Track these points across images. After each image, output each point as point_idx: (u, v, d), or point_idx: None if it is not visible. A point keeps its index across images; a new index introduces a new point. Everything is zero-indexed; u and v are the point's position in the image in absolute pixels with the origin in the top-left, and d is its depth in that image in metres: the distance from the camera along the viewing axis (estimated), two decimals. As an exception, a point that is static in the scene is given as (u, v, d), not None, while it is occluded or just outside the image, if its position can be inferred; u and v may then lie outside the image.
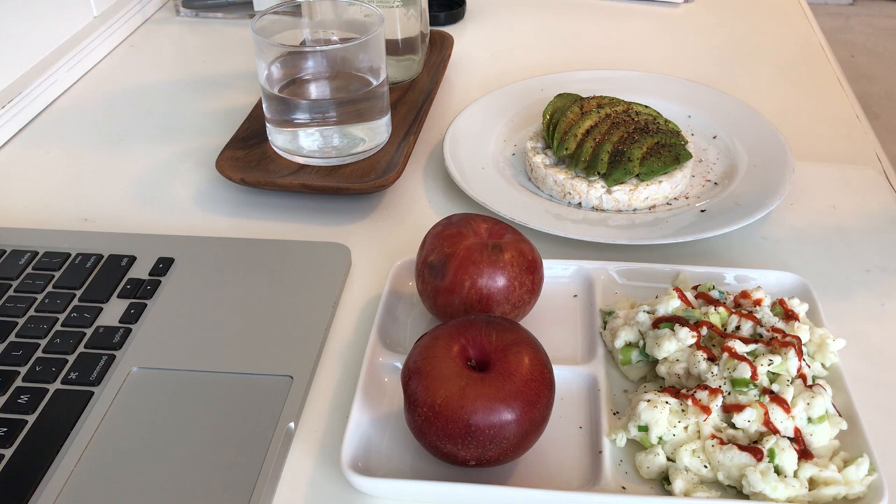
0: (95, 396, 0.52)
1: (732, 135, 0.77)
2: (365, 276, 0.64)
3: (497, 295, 0.53)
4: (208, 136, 0.82)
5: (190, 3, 1.07)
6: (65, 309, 0.59)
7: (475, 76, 0.93)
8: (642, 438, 0.49)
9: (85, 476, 0.48)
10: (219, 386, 0.53)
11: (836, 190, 0.73)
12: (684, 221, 0.66)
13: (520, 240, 0.56)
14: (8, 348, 0.55)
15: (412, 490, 0.47)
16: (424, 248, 0.56)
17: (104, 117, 0.86)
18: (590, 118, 0.72)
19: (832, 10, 3.20)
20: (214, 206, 0.72)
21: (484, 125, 0.79)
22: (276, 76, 0.72)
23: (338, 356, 0.57)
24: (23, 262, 0.62)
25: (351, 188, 0.69)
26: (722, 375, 0.50)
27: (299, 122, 0.71)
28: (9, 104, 0.82)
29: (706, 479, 0.48)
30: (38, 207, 0.73)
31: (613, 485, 0.47)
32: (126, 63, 0.97)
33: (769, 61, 0.95)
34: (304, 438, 0.51)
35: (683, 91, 0.84)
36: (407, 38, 0.84)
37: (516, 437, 0.46)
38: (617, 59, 0.96)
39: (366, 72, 0.72)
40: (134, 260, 0.63)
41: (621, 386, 0.54)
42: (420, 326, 0.58)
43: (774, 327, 0.53)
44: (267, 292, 0.60)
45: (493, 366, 0.46)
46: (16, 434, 0.50)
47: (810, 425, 0.48)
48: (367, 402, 0.51)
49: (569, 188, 0.69)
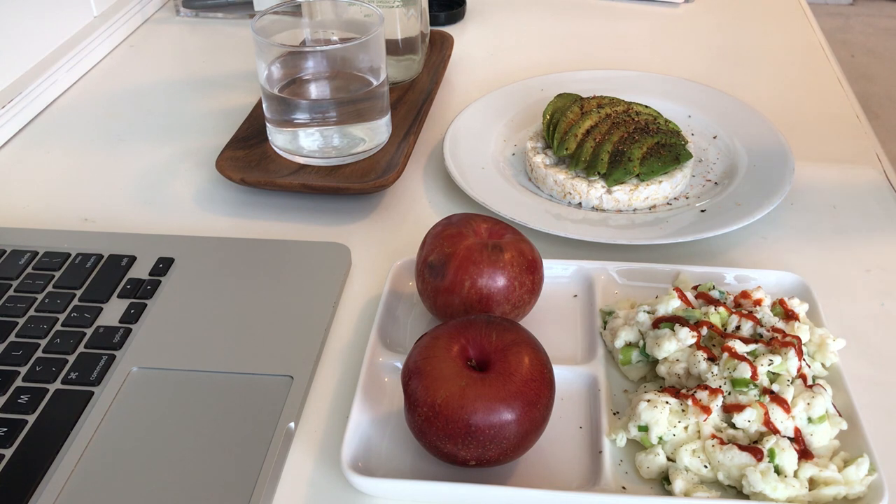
0: (95, 396, 0.52)
1: (732, 135, 0.77)
2: (365, 276, 0.64)
3: (497, 295, 0.53)
4: (208, 136, 0.82)
5: (190, 3, 1.07)
6: (65, 309, 0.59)
7: (475, 76, 0.93)
8: (642, 438, 0.49)
9: (85, 476, 0.48)
10: (219, 386, 0.53)
11: (836, 190, 0.73)
12: (684, 221, 0.66)
13: (520, 240, 0.56)
14: (8, 348, 0.55)
15: (412, 490, 0.47)
16: (424, 248, 0.56)
17: (104, 117, 0.86)
18: (590, 118, 0.72)
19: (832, 10, 3.20)
20: (214, 206, 0.72)
21: (484, 125, 0.79)
22: (276, 76, 0.72)
23: (338, 356, 0.57)
24: (23, 262, 0.62)
25: (351, 188, 0.69)
26: (722, 375, 0.50)
27: (299, 122, 0.71)
28: (9, 104, 0.82)
29: (706, 479, 0.48)
30: (38, 207, 0.73)
31: (613, 485, 0.47)
32: (126, 63, 0.97)
33: (769, 61, 0.95)
34: (304, 438, 0.51)
35: (683, 91, 0.84)
36: (407, 38, 0.84)
37: (516, 437, 0.46)
38: (617, 59, 0.96)
39: (366, 72, 0.72)
40: (134, 260, 0.63)
41: (621, 386, 0.54)
42: (420, 326, 0.58)
43: (774, 327, 0.53)
44: (267, 292, 0.60)
45: (493, 366, 0.46)
46: (16, 434, 0.50)
47: (810, 425, 0.48)
48: (367, 402, 0.51)
49: (569, 188, 0.69)
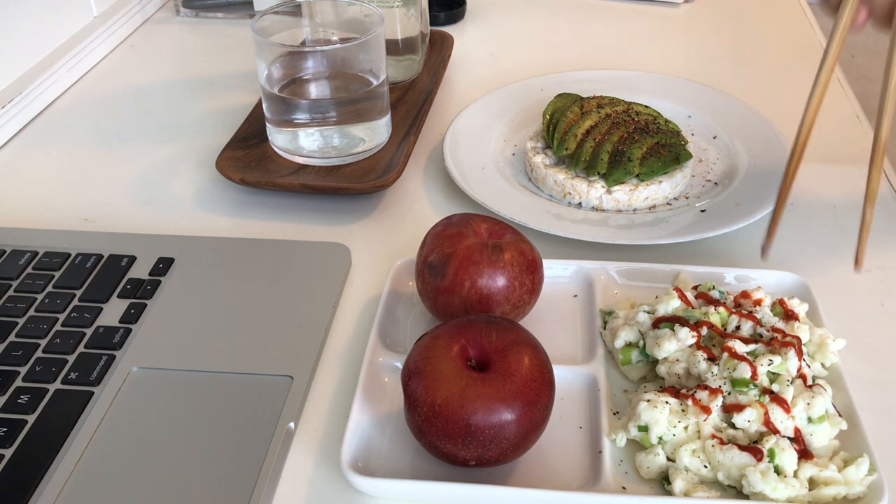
0: (95, 396, 0.52)
1: (732, 135, 0.77)
2: (365, 276, 0.64)
3: (497, 295, 0.53)
4: (208, 136, 0.82)
5: (190, 3, 1.07)
6: (65, 309, 0.59)
7: (475, 76, 0.93)
8: (642, 438, 0.49)
9: (85, 476, 0.48)
10: (219, 386, 0.53)
11: (836, 190, 0.73)
12: (684, 221, 0.66)
13: (520, 240, 0.56)
14: (8, 348, 0.55)
15: (412, 490, 0.47)
16: (424, 248, 0.56)
17: (104, 117, 0.86)
18: (590, 118, 0.72)
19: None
20: (214, 206, 0.72)
21: (484, 125, 0.79)
22: (276, 76, 0.72)
23: (338, 356, 0.57)
24: (23, 262, 0.62)
25: (351, 188, 0.69)
26: (722, 375, 0.50)
27: (299, 122, 0.71)
28: (9, 104, 0.82)
29: (706, 479, 0.48)
30: (38, 207, 0.73)
31: (613, 485, 0.47)
32: (126, 63, 0.97)
33: (769, 61, 0.95)
34: (304, 438, 0.51)
35: (683, 91, 0.84)
36: (407, 38, 0.84)
37: (516, 437, 0.46)
38: (617, 59, 0.96)
39: (366, 72, 0.72)
40: (134, 260, 0.63)
41: (621, 386, 0.54)
42: (420, 326, 0.58)
43: (774, 327, 0.53)
44: (267, 292, 0.60)
45: (493, 366, 0.46)
46: (16, 434, 0.50)
47: (810, 425, 0.48)
48: (367, 402, 0.51)
49: (569, 188, 0.69)
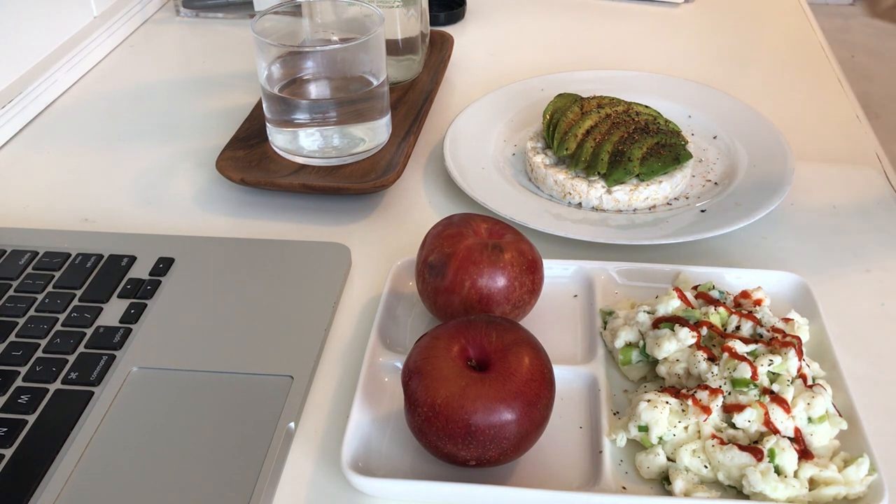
0: (95, 396, 0.52)
1: (732, 135, 0.77)
2: (365, 276, 0.64)
3: (497, 295, 0.53)
4: (208, 136, 0.82)
5: (190, 3, 1.07)
6: (65, 309, 0.59)
7: (475, 76, 0.93)
8: (642, 438, 0.49)
9: (85, 476, 0.48)
10: (219, 386, 0.53)
11: (836, 190, 0.73)
12: (684, 221, 0.66)
13: (520, 240, 0.56)
14: (8, 348, 0.55)
15: (412, 490, 0.47)
16: (424, 248, 0.56)
17: (104, 117, 0.86)
18: (590, 118, 0.72)
19: (832, 10, 3.19)
20: (214, 206, 0.72)
21: (484, 125, 0.79)
22: (276, 76, 0.72)
23: (338, 356, 0.57)
24: (23, 262, 0.62)
25: (351, 188, 0.69)
26: (722, 375, 0.50)
27: (299, 122, 0.71)
28: (9, 104, 0.82)
29: (706, 479, 0.48)
30: (38, 207, 0.73)
31: (613, 485, 0.47)
32: (126, 63, 0.97)
33: (769, 61, 0.95)
34: (304, 438, 0.51)
35: (683, 91, 0.84)
36: (407, 38, 0.84)
37: (516, 437, 0.46)
38: (617, 59, 0.96)
39: (366, 72, 0.72)
40: (134, 260, 0.63)
41: (621, 386, 0.54)
42: (420, 326, 0.58)
43: (774, 327, 0.53)
44: (267, 292, 0.60)
45: (493, 366, 0.46)
46: (16, 434, 0.50)
47: (810, 425, 0.48)
48: (367, 402, 0.51)
49: (569, 188, 0.69)
